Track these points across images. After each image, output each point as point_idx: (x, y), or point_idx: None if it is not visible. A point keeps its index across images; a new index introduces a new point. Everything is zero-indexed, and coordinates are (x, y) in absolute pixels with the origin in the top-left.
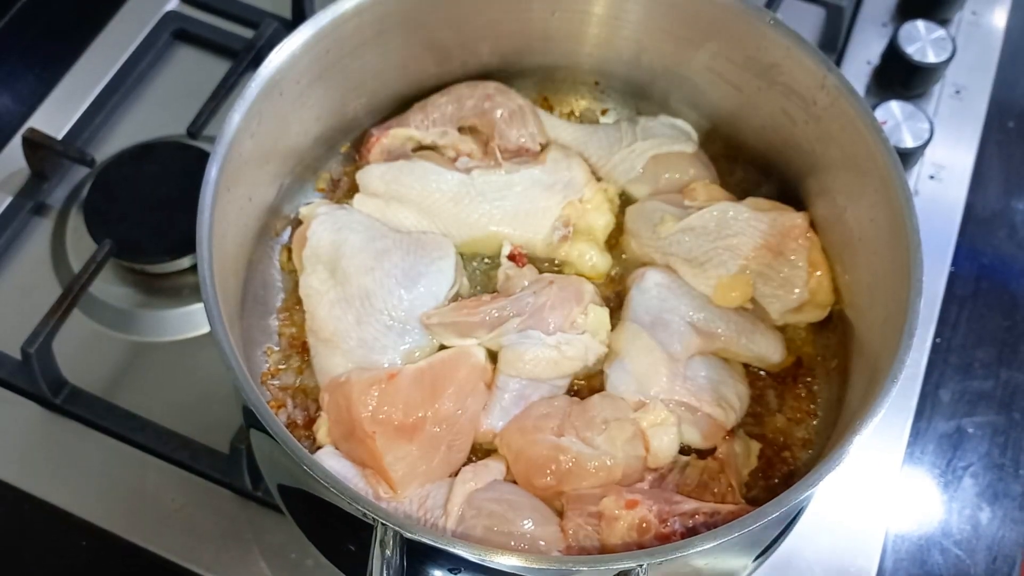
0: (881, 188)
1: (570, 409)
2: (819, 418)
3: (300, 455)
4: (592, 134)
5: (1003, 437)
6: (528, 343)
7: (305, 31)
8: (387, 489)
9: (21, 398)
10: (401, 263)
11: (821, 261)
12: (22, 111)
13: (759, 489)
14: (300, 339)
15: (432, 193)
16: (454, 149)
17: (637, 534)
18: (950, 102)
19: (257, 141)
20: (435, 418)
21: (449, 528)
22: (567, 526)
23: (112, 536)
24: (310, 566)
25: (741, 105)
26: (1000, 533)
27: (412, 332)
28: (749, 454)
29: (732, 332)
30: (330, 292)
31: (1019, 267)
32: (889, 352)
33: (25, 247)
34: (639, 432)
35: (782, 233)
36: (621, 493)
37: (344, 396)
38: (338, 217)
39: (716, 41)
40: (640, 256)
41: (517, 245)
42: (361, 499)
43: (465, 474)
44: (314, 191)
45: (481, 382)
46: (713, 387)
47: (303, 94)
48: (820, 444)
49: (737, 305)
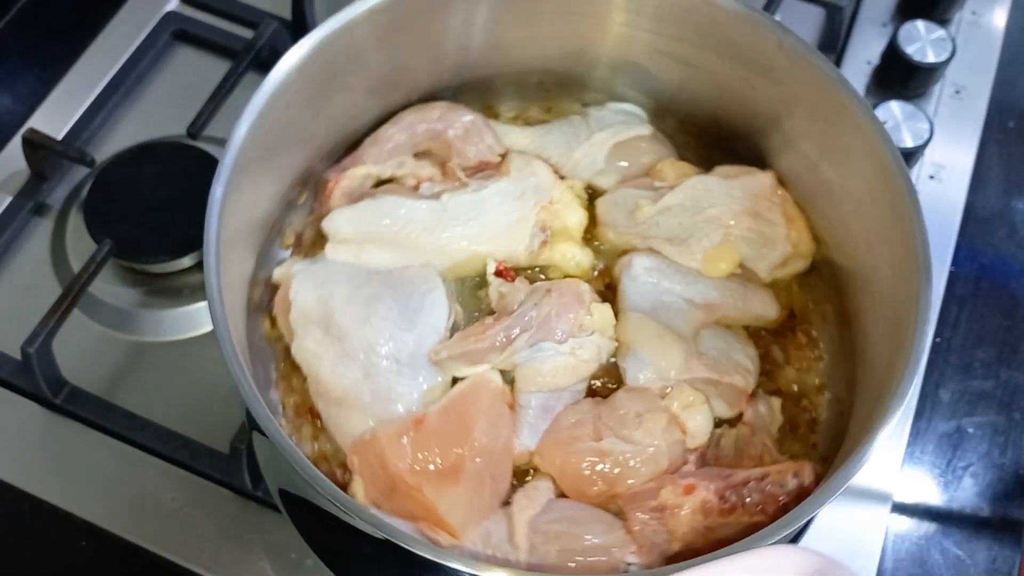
0: (858, 136)
1: (598, 411)
2: (825, 360)
3: (338, 495)
4: (546, 134)
5: (1003, 437)
6: (543, 356)
7: (249, 116)
8: (447, 537)
9: (21, 398)
10: (394, 305)
11: (796, 214)
12: (22, 111)
13: (791, 443)
14: (306, 405)
15: (405, 226)
16: (414, 177)
17: (703, 516)
18: (950, 102)
19: (235, 221)
20: (472, 453)
21: (523, 561)
22: (632, 526)
23: (112, 536)
24: (310, 566)
25: (694, 80)
26: (1000, 533)
27: (423, 372)
28: (773, 412)
29: (729, 299)
30: (329, 351)
31: (1019, 267)
32: (908, 297)
33: (25, 247)
34: (673, 418)
35: (754, 195)
36: (676, 481)
37: (376, 454)
38: (316, 272)
39: (664, 23)
40: (619, 245)
41: (501, 260)
42: (436, 549)
43: (520, 502)
44: (280, 249)
45: (504, 405)
46: (726, 356)
47: (264, 162)
48: (834, 385)
49: (727, 273)
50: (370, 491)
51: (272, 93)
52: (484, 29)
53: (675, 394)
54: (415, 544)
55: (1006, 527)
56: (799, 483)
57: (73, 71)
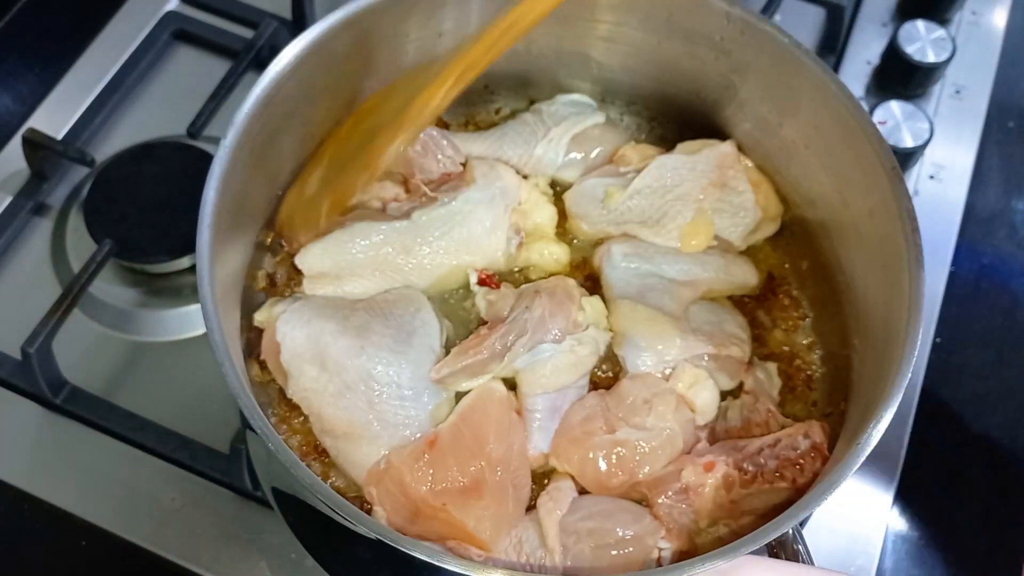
0: (816, 95)
1: (606, 403)
2: (811, 317)
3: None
4: (503, 137)
5: (1003, 437)
6: (542, 357)
7: (217, 168)
8: (479, 551)
9: (21, 398)
10: (386, 330)
11: (760, 179)
12: (22, 111)
13: (791, 404)
14: (310, 443)
15: (380, 249)
16: (379, 200)
17: (726, 491)
18: (950, 102)
19: (221, 276)
20: (491, 464)
21: (559, 564)
22: (659, 512)
23: (112, 536)
24: (310, 566)
25: (642, 63)
26: (1000, 533)
27: (427, 392)
28: (771, 376)
29: (711, 272)
30: (328, 387)
31: (1019, 267)
32: (895, 241)
33: (25, 247)
34: (680, 398)
35: (719, 166)
36: (695, 460)
37: (394, 482)
38: (300, 310)
39: (604, 10)
40: (594, 235)
41: (481, 269)
42: (468, 563)
43: (546, 505)
44: (256, 292)
45: (512, 412)
46: (719, 329)
47: (236, 223)
48: (824, 342)
49: (704, 247)
50: (393, 519)
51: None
52: (422, 45)
53: (679, 374)
54: (404, 543)
55: (1007, 527)
56: (811, 442)
57: (73, 71)
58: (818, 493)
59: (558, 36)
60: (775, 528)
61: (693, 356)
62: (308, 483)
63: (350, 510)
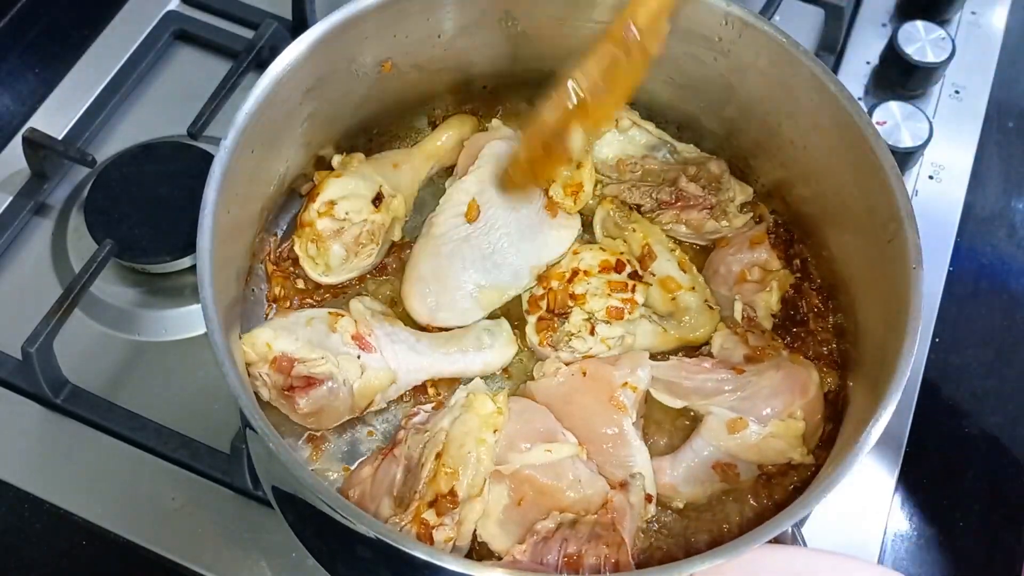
0: (815, 95)
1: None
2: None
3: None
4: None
5: (1003, 437)
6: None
7: (218, 168)
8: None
9: (22, 398)
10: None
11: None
12: (22, 111)
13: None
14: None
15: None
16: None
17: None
18: (949, 102)
19: (221, 276)
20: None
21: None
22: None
23: (112, 536)
24: (310, 566)
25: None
26: (1000, 533)
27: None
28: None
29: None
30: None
31: (1018, 267)
32: (895, 249)
33: (26, 247)
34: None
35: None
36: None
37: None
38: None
39: (609, 12)
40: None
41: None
42: (469, 563)
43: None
44: (256, 292)
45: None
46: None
47: (236, 223)
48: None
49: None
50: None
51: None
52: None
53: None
54: (404, 543)
55: (1006, 526)
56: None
57: (73, 71)
58: (818, 492)
59: (558, 36)
60: (775, 526)
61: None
62: (308, 483)
63: (350, 510)
